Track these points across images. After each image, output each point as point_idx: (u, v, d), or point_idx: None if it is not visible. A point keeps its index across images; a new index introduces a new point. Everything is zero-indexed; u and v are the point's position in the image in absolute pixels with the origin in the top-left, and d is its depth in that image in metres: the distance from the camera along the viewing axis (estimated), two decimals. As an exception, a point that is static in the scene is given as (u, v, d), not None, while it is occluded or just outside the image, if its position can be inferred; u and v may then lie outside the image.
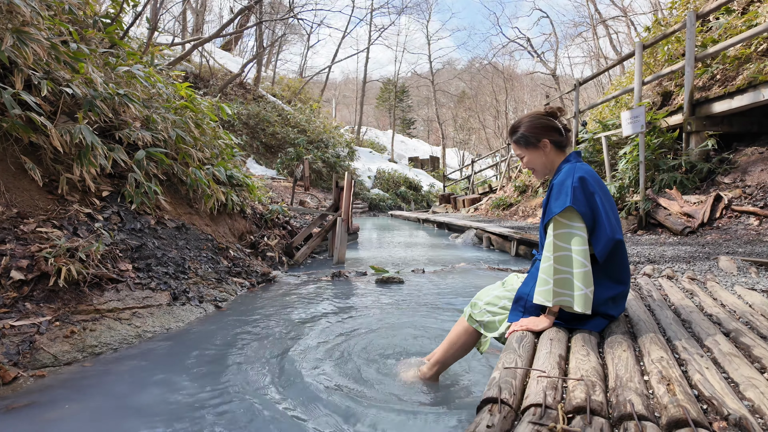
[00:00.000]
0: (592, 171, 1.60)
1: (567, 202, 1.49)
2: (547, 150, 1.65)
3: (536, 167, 1.69)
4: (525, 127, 1.66)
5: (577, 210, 1.50)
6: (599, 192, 1.55)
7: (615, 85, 13.41)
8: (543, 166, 1.68)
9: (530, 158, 1.68)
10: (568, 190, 1.51)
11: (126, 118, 3.88)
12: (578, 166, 1.58)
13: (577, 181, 1.51)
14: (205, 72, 18.54)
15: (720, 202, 4.88)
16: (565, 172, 1.58)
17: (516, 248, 6.09)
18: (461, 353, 1.94)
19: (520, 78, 41.60)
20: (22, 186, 3.02)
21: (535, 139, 1.64)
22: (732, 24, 7.46)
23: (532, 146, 1.65)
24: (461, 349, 1.92)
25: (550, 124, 1.64)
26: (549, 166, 1.68)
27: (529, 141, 1.65)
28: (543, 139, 1.64)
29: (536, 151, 1.65)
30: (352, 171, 22.93)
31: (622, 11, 26.51)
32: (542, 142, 1.64)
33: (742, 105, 5.18)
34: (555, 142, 1.64)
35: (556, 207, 1.52)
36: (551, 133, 1.64)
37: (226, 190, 4.87)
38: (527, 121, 1.67)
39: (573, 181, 1.52)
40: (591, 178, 1.55)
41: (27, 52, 3.05)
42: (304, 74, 35.86)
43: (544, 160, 1.67)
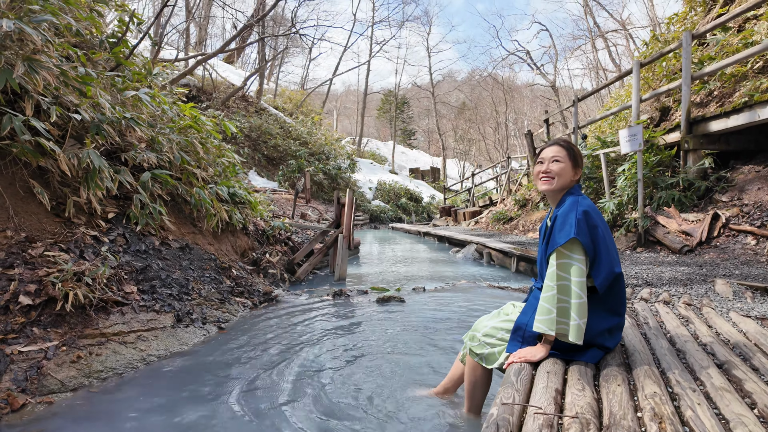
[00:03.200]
0: (593, 205, 1.68)
1: (571, 233, 1.56)
2: (575, 177, 1.75)
3: (560, 178, 1.74)
4: (576, 149, 1.78)
5: (580, 241, 1.56)
6: (601, 225, 1.62)
7: (614, 98, 13.54)
8: (563, 183, 1.75)
9: (565, 169, 1.74)
10: (572, 222, 1.58)
11: (132, 140, 3.95)
12: (581, 200, 1.66)
13: (581, 214, 1.59)
14: (207, 85, 18.74)
15: (718, 220, 4.93)
16: (569, 204, 1.65)
17: (516, 264, 6.13)
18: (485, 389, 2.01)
19: (519, 89, 41.95)
20: (31, 209, 3.08)
21: (580, 163, 1.76)
22: (728, 41, 7.57)
23: (574, 163, 1.74)
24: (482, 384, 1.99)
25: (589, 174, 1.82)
26: (564, 186, 1.76)
27: (576, 159, 1.75)
28: (580, 168, 1.77)
29: (572, 169, 1.74)
30: (353, 183, 23.04)
31: (621, 25, 26.82)
32: (579, 169, 1.76)
33: (738, 124, 5.25)
34: (580, 178, 1.79)
35: (561, 238, 1.59)
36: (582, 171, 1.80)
37: (229, 208, 4.93)
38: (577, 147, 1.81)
39: (577, 213, 1.59)
40: (593, 211, 1.63)
41: (37, 79, 3.13)
42: (305, 86, 36.18)
43: (569, 180, 1.75)
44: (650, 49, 11.08)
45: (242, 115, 18.70)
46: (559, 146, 1.77)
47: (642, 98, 7.08)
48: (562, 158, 1.74)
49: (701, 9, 10.39)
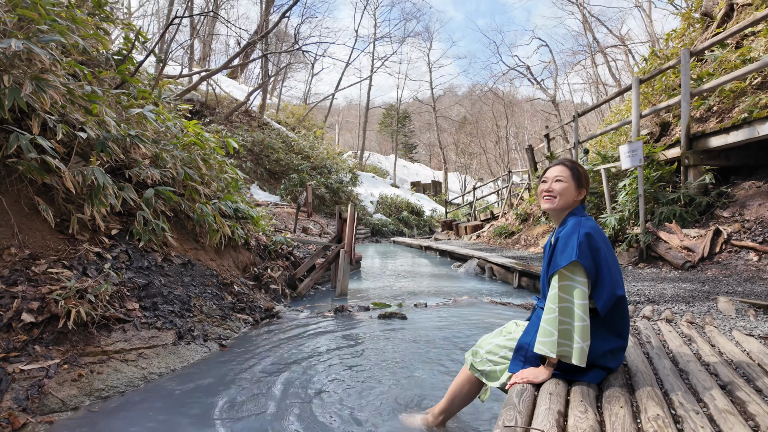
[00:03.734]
0: (597, 226, 1.68)
1: (573, 256, 1.56)
2: (578, 197, 1.76)
3: (562, 198, 1.75)
4: (582, 169, 1.80)
5: (581, 264, 1.57)
6: (603, 248, 1.62)
7: (614, 113, 13.63)
8: (565, 202, 1.76)
9: (567, 188, 1.75)
10: (574, 245, 1.58)
11: (136, 157, 3.99)
12: (583, 221, 1.66)
13: (583, 236, 1.59)
14: (211, 100, 18.94)
15: (719, 236, 4.92)
16: (571, 226, 1.65)
17: (518, 280, 6.11)
18: (466, 401, 1.98)
19: (520, 104, 42.25)
20: (35, 226, 3.10)
21: (584, 183, 1.77)
22: (726, 58, 7.65)
23: (578, 183, 1.75)
24: (466, 397, 1.96)
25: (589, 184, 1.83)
26: (566, 207, 1.77)
27: (581, 180, 1.76)
28: (584, 188, 1.77)
29: (575, 189, 1.75)
30: (355, 196, 23.10)
31: (620, 40, 27.11)
32: (584, 189, 1.77)
33: (738, 140, 5.28)
34: (585, 198, 1.79)
35: (562, 260, 1.59)
36: (587, 191, 1.81)
37: (231, 223, 4.96)
38: (583, 167, 1.82)
39: (579, 236, 1.59)
40: (596, 233, 1.63)
41: (44, 98, 3.18)
42: (308, 101, 36.53)
43: (571, 201, 1.76)
44: (649, 65, 11.19)
45: (245, 129, 18.87)
46: (563, 166, 1.79)
47: (642, 114, 7.13)
48: (565, 178, 1.76)
49: (699, 25, 10.53)
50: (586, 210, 1.83)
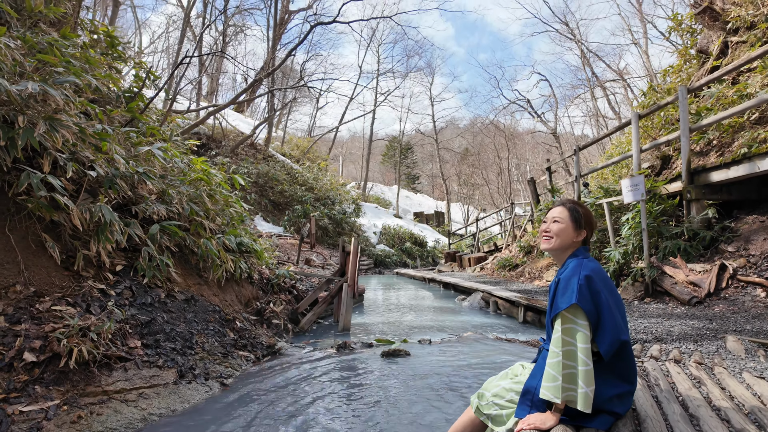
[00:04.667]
0: (599, 268, 1.68)
1: (573, 299, 1.56)
2: (577, 238, 1.76)
3: (559, 238, 1.77)
4: (583, 210, 1.79)
5: (582, 307, 1.56)
6: (604, 290, 1.61)
7: (615, 146, 13.77)
8: (562, 243, 1.77)
9: (564, 229, 1.77)
10: (574, 287, 1.58)
11: (143, 193, 4.05)
12: (585, 263, 1.66)
13: (584, 279, 1.59)
14: (217, 133, 19.31)
15: (725, 271, 4.89)
16: (572, 268, 1.66)
17: (523, 314, 6.04)
18: None
19: (521, 136, 42.81)
20: (41, 263, 3.12)
21: (582, 224, 1.77)
22: (723, 93, 7.80)
23: (576, 224, 1.76)
24: None
25: (594, 226, 1.81)
26: (564, 247, 1.77)
27: (578, 220, 1.76)
28: (585, 229, 1.77)
29: (573, 230, 1.76)
30: (358, 227, 23.14)
31: (618, 75, 27.67)
32: (583, 230, 1.77)
33: (738, 175, 5.32)
34: (585, 239, 1.79)
35: (563, 303, 1.59)
36: (591, 231, 1.80)
37: (235, 257, 4.97)
38: (586, 209, 1.82)
39: (579, 278, 1.59)
40: (597, 276, 1.62)
41: (57, 137, 3.27)
42: (312, 133, 37.17)
43: (569, 241, 1.76)
44: (648, 99, 11.39)
45: (250, 162, 19.13)
46: (562, 207, 1.82)
47: (642, 148, 7.22)
48: (562, 219, 1.78)
49: (695, 61, 10.79)
50: (589, 250, 1.83)
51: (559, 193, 11.41)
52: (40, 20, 4.97)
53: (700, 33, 10.86)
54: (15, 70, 3.44)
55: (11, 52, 3.38)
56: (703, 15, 9.77)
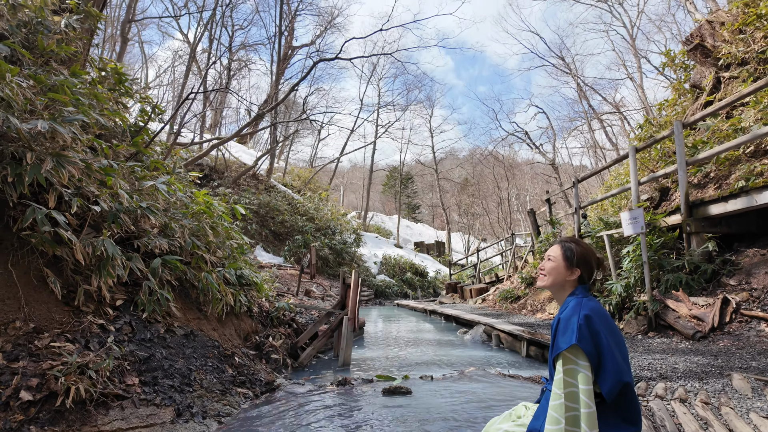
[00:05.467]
0: (599, 307, 1.67)
1: (572, 339, 1.55)
2: (572, 277, 1.74)
3: (551, 276, 1.77)
4: (577, 248, 1.77)
5: (582, 348, 1.55)
6: (605, 331, 1.60)
7: (614, 177, 13.91)
8: (555, 281, 1.77)
9: (556, 267, 1.77)
10: (574, 327, 1.57)
11: (146, 227, 4.09)
12: (584, 302, 1.65)
13: (583, 318, 1.58)
14: (220, 165, 19.54)
15: (728, 305, 4.86)
16: (571, 308, 1.65)
17: (526, 349, 5.96)
18: None
19: (520, 166, 43.23)
20: (42, 298, 3.12)
21: (575, 261, 1.74)
22: (718, 127, 7.94)
23: (568, 263, 1.75)
24: None
25: (591, 264, 1.76)
26: (559, 286, 1.77)
27: (570, 258, 1.75)
28: (578, 267, 1.75)
29: (565, 269, 1.75)
30: (358, 257, 23.06)
31: (615, 107, 28.19)
32: (575, 269, 1.74)
33: (737, 209, 5.36)
34: (581, 278, 1.75)
35: (563, 343, 1.58)
36: (586, 270, 1.76)
37: (235, 291, 4.95)
38: (583, 246, 1.79)
39: (579, 318, 1.58)
40: (597, 316, 1.61)
41: (63, 173, 3.32)
42: (314, 164, 37.59)
43: (562, 279, 1.76)
44: (645, 132, 11.59)
45: (252, 192, 19.28)
46: (557, 245, 1.83)
47: (640, 181, 7.30)
48: (555, 257, 1.79)
49: (689, 95, 11.03)
50: (591, 289, 1.82)
51: (559, 225, 11.45)
52: (52, 58, 5.14)
53: (693, 68, 11.15)
54: (26, 108, 3.53)
55: (23, 91, 3.48)
56: (695, 52, 10.06)
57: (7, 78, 3.24)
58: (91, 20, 6.02)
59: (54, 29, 5.20)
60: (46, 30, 5.10)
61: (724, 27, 9.05)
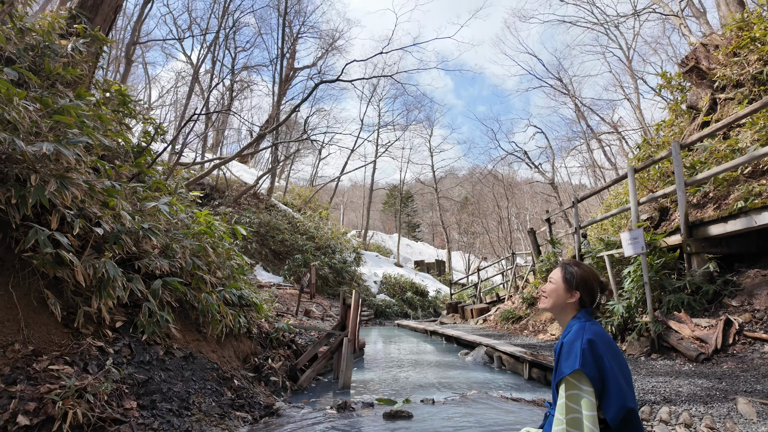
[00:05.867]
0: (602, 332, 1.66)
1: (576, 364, 1.54)
2: (570, 299, 1.74)
3: (551, 298, 1.77)
4: (578, 270, 1.76)
5: (585, 373, 1.54)
6: (608, 355, 1.59)
7: (613, 196, 13.96)
8: (556, 303, 1.76)
9: (556, 289, 1.77)
10: (577, 352, 1.57)
11: (147, 248, 4.09)
12: (588, 327, 1.64)
13: (586, 343, 1.57)
14: (221, 184, 19.64)
15: (731, 327, 4.82)
16: (574, 332, 1.65)
17: (528, 371, 5.89)
18: None
19: (520, 186, 43.37)
20: (41, 320, 3.11)
21: (575, 284, 1.74)
22: (716, 148, 8.01)
23: (567, 285, 1.74)
24: None
25: (593, 287, 1.74)
26: (559, 308, 1.77)
27: (569, 281, 1.74)
28: (578, 290, 1.73)
29: (564, 291, 1.74)
30: (358, 276, 22.95)
31: (613, 127, 28.44)
32: (575, 291, 1.73)
33: (737, 229, 5.38)
34: (581, 301, 1.74)
35: (566, 368, 1.57)
36: (587, 293, 1.73)
37: (235, 312, 4.93)
38: (583, 268, 1.77)
39: (582, 342, 1.57)
40: (600, 340, 1.60)
41: (66, 195, 3.35)
42: (314, 183, 37.77)
43: (562, 302, 1.75)
44: (643, 152, 11.68)
45: (252, 211, 19.32)
46: (558, 268, 1.84)
47: (639, 202, 7.33)
48: (555, 280, 1.80)
49: (686, 116, 11.15)
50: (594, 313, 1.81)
51: (560, 245, 11.45)
52: (57, 80, 5.23)
53: (689, 90, 11.30)
54: (31, 130, 3.58)
55: (29, 114, 3.54)
56: (691, 73, 10.22)
57: (14, 102, 3.30)
58: (97, 43, 6.14)
59: (61, 52, 5.30)
60: (53, 53, 5.21)
61: (719, 50, 9.21)
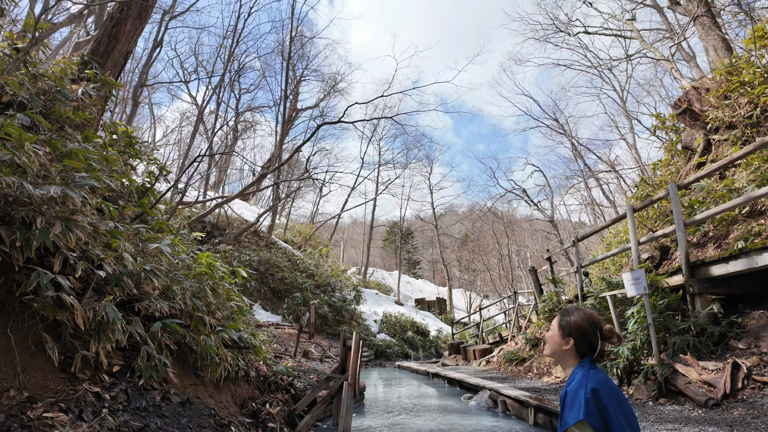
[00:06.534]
0: (607, 380, 1.63)
1: (580, 414, 1.52)
2: (565, 346, 1.71)
3: (549, 345, 1.76)
4: (572, 316, 1.73)
5: (590, 424, 1.51)
6: (613, 405, 1.56)
7: (613, 235, 13.97)
8: (554, 350, 1.74)
9: (552, 336, 1.75)
10: (581, 402, 1.54)
11: (147, 290, 4.08)
12: (591, 375, 1.62)
13: (590, 392, 1.55)
14: (222, 222, 19.72)
15: (739, 370, 4.73)
16: (578, 380, 1.62)
17: (534, 416, 5.72)
18: None
19: (519, 223, 43.46)
20: (38, 365, 3.06)
21: (567, 331, 1.71)
22: (712, 188, 8.10)
23: (562, 331, 1.73)
24: None
25: (588, 334, 1.68)
26: (558, 355, 1.74)
27: (564, 327, 1.73)
28: (571, 337, 1.70)
29: (560, 338, 1.72)
30: (358, 315, 22.63)
31: (610, 166, 28.80)
32: (568, 338, 1.70)
33: (738, 270, 5.36)
34: (578, 347, 1.69)
35: (570, 418, 1.55)
36: (582, 340, 1.68)
37: (233, 354, 4.84)
38: (580, 315, 1.73)
39: (586, 392, 1.55)
40: (604, 389, 1.58)
41: (71, 237, 3.37)
42: (315, 220, 37.90)
43: (558, 349, 1.73)
44: (641, 191, 11.78)
45: (252, 249, 19.29)
46: (558, 314, 1.84)
47: (640, 241, 7.35)
48: (552, 326, 1.79)
49: (682, 156, 11.35)
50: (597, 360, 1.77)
51: (562, 284, 11.37)
52: (67, 123, 5.37)
53: (683, 131, 11.54)
54: (40, 174, 3.65)
55: (39, 158, 3.62)
56: (684, 115, 10.46)
57: (26, 147, 3.38)
58: (106, 88, 6.35)
59: (71, 96, 5.47)
60: (63, 98, 5.37)
61: (710, 93, 9.47)
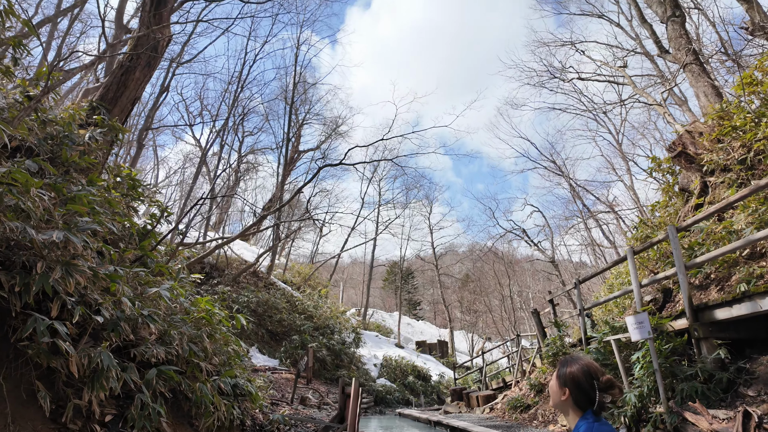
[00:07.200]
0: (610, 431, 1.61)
1: None
2: (563, 397, 1.69)
3: (551, 396, 1.75)
4: (569, 367, 1.71)
5: None
6: None
7: (615, 275, 13.87)
8: (554, 401, 1.74)
9: (552, 386, 1.75)
10: None
11: (144, 335, 4.03)
12: (595, 428, 1.59)
13: None
14: (221, 262, 19.63)
15: (750, 419, 4.57)
16: None
17: (539, 468, 5.48)
18: None
19: (520, 263, 43.23)
20: (29, 415, 2.98)
21: (563, 382, 1.70)
22: (712, 229, 8.13)
23: (559, 381, 1.72)
24: None
25: (583, 385, 1.65)
26: (559, 406, 1.73)
27: (560, 378, 1.72)
28: (567, 388, 1.68)
29: (557, 388, 1.72)
30: (358, 358, 22.10)
31: (609, 206, 28.98)
32: (565, 389, 1.69)
33: (742, 314, 5.30)
34: (575, 399, 1.66)
35: None
36: (578, 391, 1.66)
37: (229, 402, 4.71)
38: (577, 366, 1.69)
39: None
40: None
41: (70, 282, 3.37)
42: (314, 260, 37.72)
43: (557, 399, 1.72)
44: (640, 233, 11.79)
45: (251, 290, 19.09)
46: (559, 362, 1.82)
47: (642, 284, 7.30)
48: (553, 377, 1.79)
49: (680, 197, 11.44)
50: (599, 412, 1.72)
51: (565, 327, 11.18)
52: (72, 167, 5.46)
53: (679, 173, 11.71)
54: (43, 218, 3.69)
55: (43, 202, 3.66)
56: (679, 158, 10.64)
57: (31, 192, 3.43)
58: (113, 132, 6.50)
59: (78, 141, 5.59)
60: (71, 142, 5.49)
61: (703, 137, 9.68)
